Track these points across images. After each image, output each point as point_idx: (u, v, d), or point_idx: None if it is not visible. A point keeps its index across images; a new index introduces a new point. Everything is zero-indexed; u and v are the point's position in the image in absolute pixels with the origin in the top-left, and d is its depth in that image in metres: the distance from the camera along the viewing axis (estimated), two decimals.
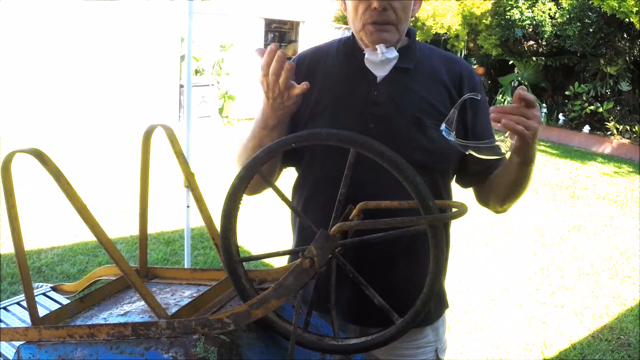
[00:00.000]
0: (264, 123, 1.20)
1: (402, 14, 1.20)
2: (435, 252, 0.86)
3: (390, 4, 1.17)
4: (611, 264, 4.31)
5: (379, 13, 1.17)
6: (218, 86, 9.09)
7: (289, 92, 1.13)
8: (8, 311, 1.72)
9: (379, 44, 1.20)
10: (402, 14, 1.20)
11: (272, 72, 1.11)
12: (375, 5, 1.16)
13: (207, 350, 0.88)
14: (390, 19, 1.19)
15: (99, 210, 4.56)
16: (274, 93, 1.14)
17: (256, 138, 1.24)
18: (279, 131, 1.21)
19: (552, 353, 2.98)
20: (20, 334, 1.00)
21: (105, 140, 7.15)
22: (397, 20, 1.19)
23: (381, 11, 1.17)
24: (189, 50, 3.16)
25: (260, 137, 1.22)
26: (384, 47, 1.20)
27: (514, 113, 1.03)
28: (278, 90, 1.12)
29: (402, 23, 1.21)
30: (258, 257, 1.04)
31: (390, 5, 1.17)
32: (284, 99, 1.14)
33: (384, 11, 1.17)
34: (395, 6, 1.18)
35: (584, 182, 6.92)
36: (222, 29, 9.40)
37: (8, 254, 3.52)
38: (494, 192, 1.32)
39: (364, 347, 0.94)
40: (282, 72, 1.10)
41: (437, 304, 1.40)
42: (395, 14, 1.19)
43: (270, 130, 1.21)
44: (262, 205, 4.57)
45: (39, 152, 0.88)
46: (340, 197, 0.93)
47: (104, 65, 7.68)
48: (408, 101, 1.25)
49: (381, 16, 1.18)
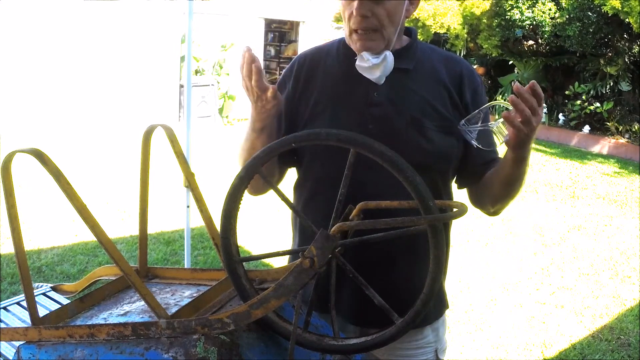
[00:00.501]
0: (252, 126, 1.23)
1: (386, 19, 1.18)
2: (435, 252, 0.86)
3: (372, 10, 1.16)
4: (611, 264, 4.31)
5: (361, 20, 1.17)
6: (218, 86, 9.09)
7: (265, 95, 1.14)
8: (8, 311, 1.72)
9: (363, 52, 1.20)
10: (386, 19, 1.18)
11: (244, 75, 1.13)
12: (354, 13, 1.16)
13: (207, 350, 0.88)
14: (372, 25, 1.18)
15: (99, 210, 4.55)
16: (254, 96, 1.16)
17: (248, 140, 1.26)
18: (266, 134, 1.23)
19: (552, 353, 2.98)
20: (20, 334, 1.00)
21: (105, 140, 7.15)
22: (381, 26, 1.18)
23: (364, 18, 1.17)
24: (189, 50, 3.16)
25: (251, 140, 1.25)
26: (369, 55, 1.20)
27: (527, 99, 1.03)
28: (256, 93, 1.14)
29: (387, 28, 1.19)
30: (258, 257, 1.04)
31: (372, 11, 1.16)
32: (264, 102, 1.15)
33: (366, 18, 1.17)
34: (378, 12, 1.17)
35: (584, 182, 6.91)
36: (222, 29, 9.40)
37: (8, 254, 3.52)
38: (487, 191, 1.31)
39: (364, 347, 0.94)
40: (252, 74, 1.12)
41: (437, 304, 1.40)
42: (378, 20, 1.17)
43: (258, 133, 1.23)
44: (262, 205, 4.57)
45: (39, 152, 0.88)
46: (340, 197, 0.93)
47: (104, 65, 7.68)
48: (408, 102, 1.25)
49: (364, 23, 1.17)
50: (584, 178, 7.12)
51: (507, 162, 1.19)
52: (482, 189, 1.32)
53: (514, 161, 1.17)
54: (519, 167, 1.19)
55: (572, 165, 7.81)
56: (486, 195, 1.32)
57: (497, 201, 1.31)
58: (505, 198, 1.29)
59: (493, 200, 1.32)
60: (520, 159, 1.16)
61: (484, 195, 1.33)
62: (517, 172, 1.20)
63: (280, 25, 12.43)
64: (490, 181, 1.29)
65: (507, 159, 1.18)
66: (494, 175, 1.27)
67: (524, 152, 1.14)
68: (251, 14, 9.85)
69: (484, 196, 1.33)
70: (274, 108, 1.18)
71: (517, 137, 1.08)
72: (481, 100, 1.30)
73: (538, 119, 1.06)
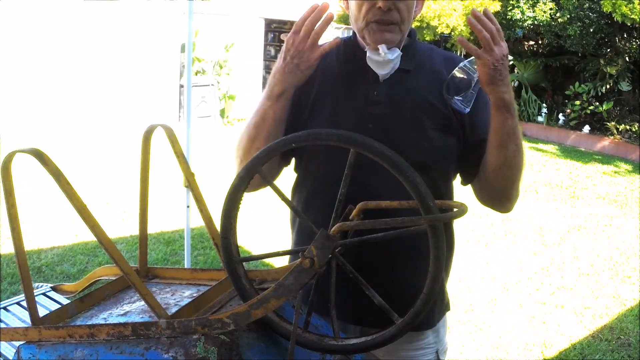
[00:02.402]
0: (270, 92, 1.20)
1: (406, 15, 1.20)
2: (435, 252, 0.86)
3: (395, 4, 1.17)
4: (611, 264, 4.31)
5: (383, 13, 1.17)
6: (218, 86, 9.09)
7: (310, 53, 1.13)
8: (8, 311, 1.72)
9: (381, 44, 1.19)
10: (406, 14, 1.19)
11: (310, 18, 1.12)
12: (380, 5, 1.16)
13: (207, 350, 0.88)
14: (394, 19, 1.18)
15: (99, 210, 4.55)
16: (296, 50, 1.14)
17: (259, 112, 1.22)
18: (282, 103, 1.20)
19: (552, 353, 2.98)
20: (20, 334, 1.00)
21: (106, 140, 7.15)
22: (401, 20, 1.19)
23: (386, 11, 1.17)
24: (189, 50, 3.16)
25: (264, 110, 1.21)
26: (386, 48, 1.19)
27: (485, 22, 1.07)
28: (302, 46, 1.12)
29: (405, 24, 1.21)
30: (258, 257, 1.04)
31: (395, 5, 1.17)
32: (302, 59, 1.14)
33: (389, 11, 1.17)
34: (400, 7, 1.18)
35: (584, 182, 6.91)
36: (222, 29, 9.40)
37: (8, 254, 3.52)
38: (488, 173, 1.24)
39: (364, 347, 0.94)
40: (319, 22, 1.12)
41: (439, 306, 1.40)
42: (400, 15, 1.18)
43: (275, 100, 1.19)
44: (262, 205, 4.57)
45: (39, 152, 0.88)
46: (340, 197, 0.93)
47: (104, 65, 7.69)
48: (407, 101, 1.25)
49: (385, 16, 1.18)
50: (584, 178, 7.12)
51: (493, 117, 1.16)
52: (483, 173, 1.26)
53: (496, 108, 1.14)
54: (505, 119, 1.15)
55: (572, 165, 7.82)
56: (489, 179, 1.25)
57: (499, 180, 1.23)
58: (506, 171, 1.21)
59: (496, 181, 1.24)
60: (500, 104, 1.13)
61: (487, 180, 1.26)
62: (504, 126, 1.16)
63: (280, 25, 12.40)
64: (487, 160, 1.23)
65: (493, 114, 1.16)
66: (488, 149, 1.22)
67: (500, 92, 1.12)
68: (251, 14, 9.86)
69: (487, 181, 1.26)
70: (308, 71, 1.17)
71: (485, 68, 1.09)
72: (481, 100, 1.30)
73: (501, 50, 1.08)
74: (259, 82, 10.38)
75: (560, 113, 9.85)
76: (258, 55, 10.31)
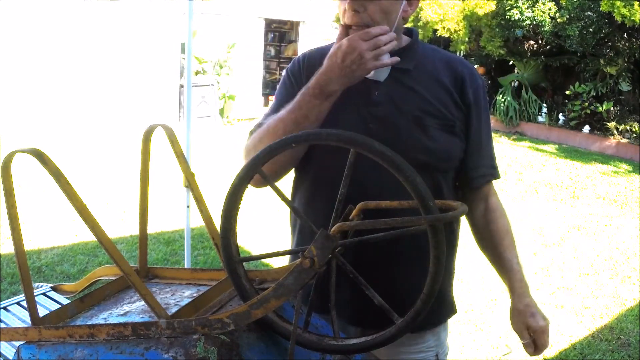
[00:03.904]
0: (319, 90, 1.15)
1: (380, 16, 1.16)
2: (436, 252, 0.86)
3: (364, 5, 1.15)
4: (611, 264, 4.31)
5: (353, 15, 1.16)
6: (218, 86, 9.09)
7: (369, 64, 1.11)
8: (8, 311, 1.72)
9: None
10: (379, 16, 1.16)
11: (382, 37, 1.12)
12: (346, 7, 1.16)
13: (207, 350, 0.88)
14: (365, 21, 1.16)
15: (99, 210, 4.55)
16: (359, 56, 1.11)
17: (301, 109, 1.17)
18: (329, 103, 1.17)
19: (552, 353, 2.98)
20: (20, 334, 1.00)
21: (105, 140, 7.15)
22: (374, 22, 1.16)
23: (356, 13, 1.16)
24: (189, 50, 3.16)
25: (309, 107, 1.17)
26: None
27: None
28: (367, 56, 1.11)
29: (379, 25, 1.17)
30: (258, 257, 1.04)
31: (364, 7, 1.15)
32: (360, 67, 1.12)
33: (358, 13, 1.16)
34: (371, 8, 1.15)
35: (584, 182, 6.91)
36: (222, 29, 9.40)
37: (8, 254, 3.52)
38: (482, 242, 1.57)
39: (364, 347, 0.94)
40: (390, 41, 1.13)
41: (443, 307, 1.40)
42: (371, 17, 1.16)
43: (323, 99, 1.16)
44: (262, 205, 4.57)
45: (39, 152, 0.88)
46: (340, 197, 0.93)
47: (104, 65, 7.69)
48: (408, 101, 1.24)
49: (356, 18, 1.16)
50: (584, 178, 7.12)
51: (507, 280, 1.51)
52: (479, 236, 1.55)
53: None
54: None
55: (572, 165, 7.81)
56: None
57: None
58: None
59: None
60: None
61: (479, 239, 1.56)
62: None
63: (280, 25, 12.42)
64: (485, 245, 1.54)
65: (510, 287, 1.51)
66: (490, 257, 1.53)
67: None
68: (251, 14, 9.86)
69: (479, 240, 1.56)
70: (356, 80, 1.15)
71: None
72: (483, 101, 1.30)
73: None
74: (259, 82, 10.39)
75: (561, 113, 9.85)
76: (258, 55, 10.31)
